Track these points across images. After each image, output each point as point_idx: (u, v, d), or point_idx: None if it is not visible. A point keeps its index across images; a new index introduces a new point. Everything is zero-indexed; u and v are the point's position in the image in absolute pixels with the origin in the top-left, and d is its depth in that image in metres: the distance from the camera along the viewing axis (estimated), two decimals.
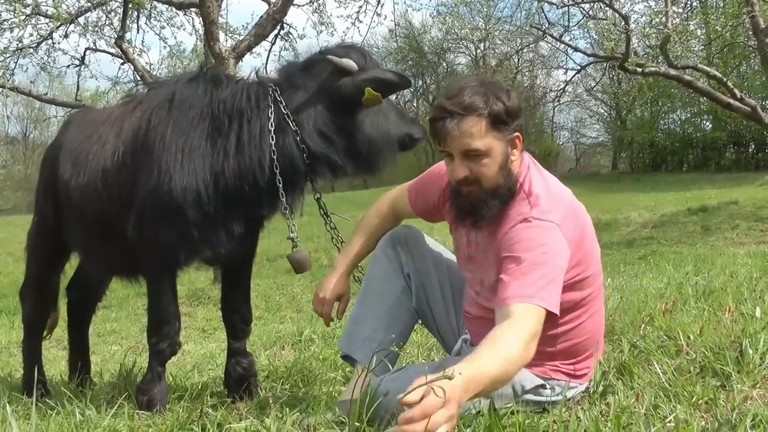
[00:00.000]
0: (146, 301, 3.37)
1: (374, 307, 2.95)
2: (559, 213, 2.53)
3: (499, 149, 2.54)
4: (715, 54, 22.13)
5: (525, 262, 2.41)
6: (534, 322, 2.31)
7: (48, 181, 3.76)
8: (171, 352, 3.27)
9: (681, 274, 6.50)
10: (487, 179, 2.55)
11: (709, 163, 33.99)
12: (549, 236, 2.46)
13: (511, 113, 2.54)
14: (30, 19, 13.08)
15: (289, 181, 3.08)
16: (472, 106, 2.49)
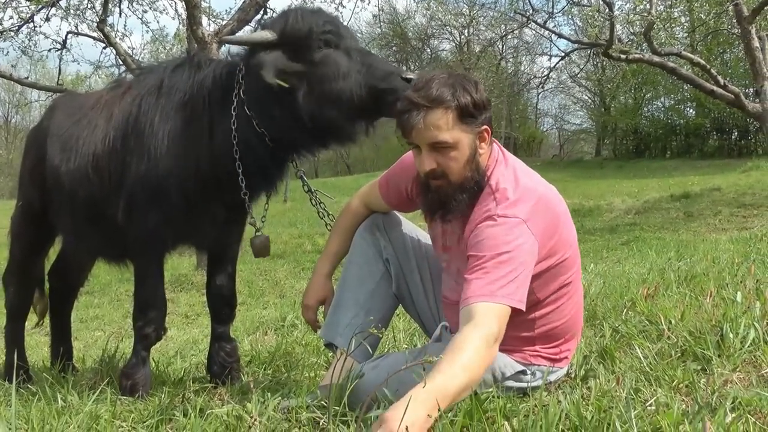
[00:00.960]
0: (129, 287, 3.38)
1: (354, 293, 2.94)
2: (526, 206, 2.50)
3: (467, 142, 2.53)
4: (699, 41, 22.23)
5: (487, 261, 2.39)
6: (495, 321, 2.30)
7: (34, 166, 3.75)
8: (156, 337, 3.26)
9: (663, 259, 6.55)
10: (454, 173, 2.54)
11: (692, 149, 34.14)
12: (514, 233, 2.43)
13: (479, 106, 2.52)
14: (10, 2, 12.98)
15: (251, 167, 3.03)
16: (439, 98, 2.47)
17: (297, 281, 10.41)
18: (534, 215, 2.49)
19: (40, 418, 2.60)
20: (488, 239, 2.43)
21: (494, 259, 2.38)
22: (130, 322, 3.65)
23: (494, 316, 2.31)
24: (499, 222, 2.45)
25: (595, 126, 41.18)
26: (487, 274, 2.37)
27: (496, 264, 2.37)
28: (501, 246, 2.40)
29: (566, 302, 2.67)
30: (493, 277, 2.36)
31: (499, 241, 2.41)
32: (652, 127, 36.99)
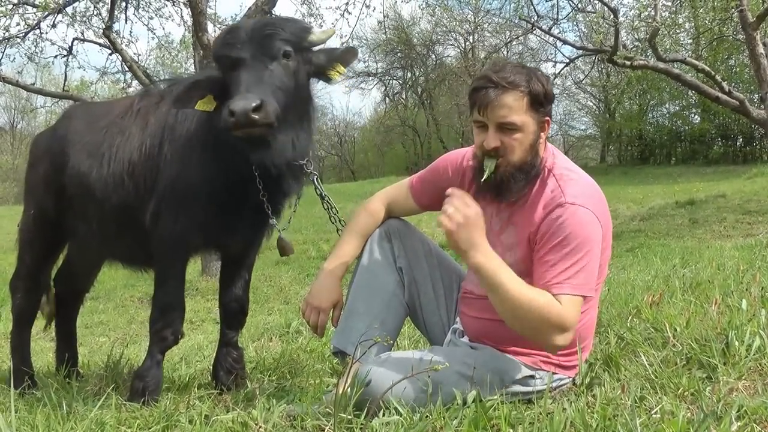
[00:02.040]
0: (134, 292, 3.42)
1: (368, 302, 2.95)
2: (592, 199, 2.62)
3: (532, 128, 2.65)
4: (704, 47, 22.18)
5: (564, 249, 2.52)
6: (573, 312, 2.48)
7: (49, 174, 3.78)
8: (174, 341, 3.28)
9: (668, 266, 6.53)
10: (516, 154, 2.64)
11: (697, 156, 34.03)
12: (585, 221, 2.55)
13: (548, 96, 2.67)
14: (17, 9, 13.00)
15: (266, 171, 3.06)
16: (516, 81, 2.61)
17: (302, 287, 10.40)
18: (598, 207, 2.62)
19: (46, 424, 2.61)
20: (562, 226, 2.54)
21: (569, 246, 2.52)
22: (135, 328, 3.65)
23: (572, 306, 2.49)
24: (571, 209, 2.56)
25: (600, 132, 41.12)
26: (564, 265, 2.51)
27: (572, 252, 2.51)
28: (575, 234, 2.52)
29: (587, 311, 2.70)
30: (572, 270, 2.50)
31: (571, 230, 2.53)
32: (657, 133, 36.91)
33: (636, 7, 17.28)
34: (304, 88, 3.01)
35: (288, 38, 2.89)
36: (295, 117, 2.94)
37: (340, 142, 49.72)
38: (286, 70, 2.88)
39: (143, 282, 10.82)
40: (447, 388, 2.48)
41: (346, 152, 49.58)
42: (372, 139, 48.93)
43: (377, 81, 45.30)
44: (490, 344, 2.73)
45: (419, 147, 44.26)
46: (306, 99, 3.05)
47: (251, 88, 2.74)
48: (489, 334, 2.73)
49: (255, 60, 2.83)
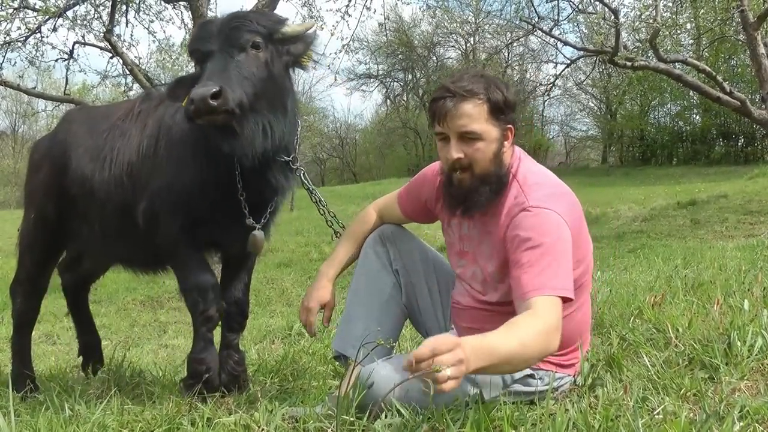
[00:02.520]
0: (136, 295, 3.45)
1: (366, 305, 2.95)
2: (558, 201, 2.57)
3: (494, 136, 2.60)
4: (705, 48, 22.19)
5: (532, 253, 2.44)
6: (554, 313, 2.36)
7: (49, 178, 3.80)
8: (219, 317, 3.29)
9: (670, 267, 6.52)
10: (479, 164, 2.60)
11: (698, 156, 34.04)
12: (551, 223, 2.49)
13: (508, 104, 2.61)
14: (18, 13, 12.97)
15: (248, 170, 3.07)
16: (474, 90, 2.57)
17: (303, 290, 10.33)
18: (565, 208, 2.56)
19: (48, 427, 2.61)
20: (527, 230, 2.49)
21: (538, 251, 2.43)
22: (137, 331, 3.64)
23: (552, 307, 2.36)
24: (533, 212, 2.51)
25: (601, 133, 41.13)
26: (533, 267, 2.42)
27: (541, 256, 2.43)
28: (542, 237, 2.46)
29: (577, 309, 2.68)
30: (540, 268, 2.41)
31: (538, 232, 2.47)
32: (659, 134, 36.92)
33: (637, 7, 17.32)
34: (279, 78, 2.96)
35: (257, 30, 2.89)
36: (268, 106, 2.91)
37: (342, 144, 49.76)
38: (255, 61, 2.87)
39: (145, 285, 10.85)
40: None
41: (347, 154, 49.61)
42: (373, 141, 48.99)
43: (378, 83, 45.46)
44: None
45: (420, 149, 44.29)
46: (281, 89, 2.98)
47: (212, 76, 2.74)
48: None
49: (222, 51, 2.84)
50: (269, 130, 2.92)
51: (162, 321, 8.53)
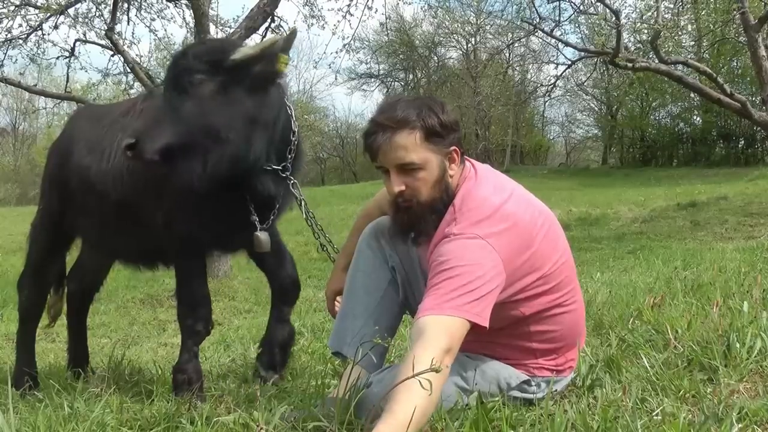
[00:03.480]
0: (135, 293, 3.47)
1: (362, 302, 2.91)
2: (487, 222, 2.45)
3: (435, 162, 2.52)
4: (706, 49, 22.20)
5: (439, 279, 2.37)
6: (443, 335, 2.24)
7: (53, 172, 3.90)
8: (206, 332, 3.37)
9: (670, 268, 6.53)
10: (423, 194, 2.54)
11: (698, 158, 34.00)
12: (469, 248, 2.40)
13: (445, 126, 2.52)
14: (19, 10, 12.98)
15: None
16: (404, 119, 2.48)
17: (304, 289, 10.32)
18: (496, 231, 2.43)
19: (47, 425, 2.61)
20: (442, 256, 2.41)
21: (445, 272, 2.36)
22: (137, 330, 3.64)
23: (443, 329, 2.25)
24: (453, 239, 2.43)
25: (602, 134, 41.13)
26: (438, 290, 2.34)
27: (448, 278, 2.34)
28: (454, 261, 2.37)
29: (562, 314, 2.64)
30: (444, 291, 2.32)
31: (452, 256, 2.38)
32: (659, 135, 36.93)
33: (638, 9, 17.33)
34: (239, 102, 2.96)
35: (197, 68, 2.92)
36: (226, 131, 2.93)
37: (342, 143, 49.72)
38: (198, 98, 2.90)
39: (145, 283, 10.84)
40: (446, 401, 2.45)
41: (347, 154, 49.55)
42: None
43: (379, 83, 45.44)
44: (481, 354, 2.70)
45: None
46: (245, 111, 2.97)
47: (135, 128, 3.02)
48: (475, 345, 2.65)
49: (165, 98, 2.98)
50: (222, 155, 2.93)
51: (161, 319, 8.52)
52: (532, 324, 2.60)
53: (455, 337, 2.26)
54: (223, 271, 10.44)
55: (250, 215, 3.26)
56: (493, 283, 2.36)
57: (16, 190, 43.75)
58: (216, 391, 3.33)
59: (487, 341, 2.58)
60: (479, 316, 2.31)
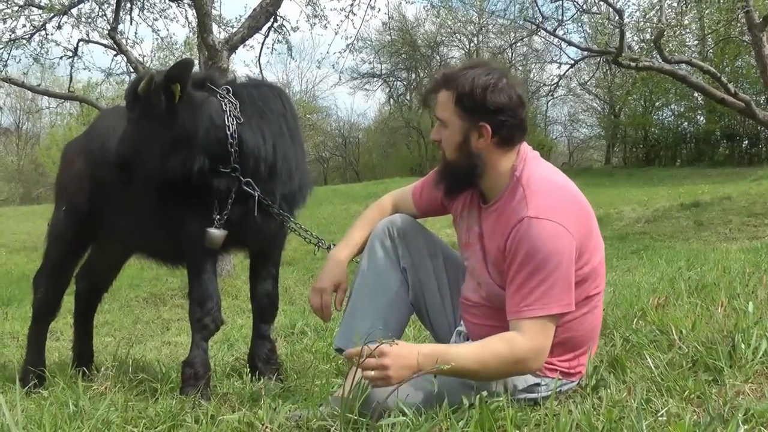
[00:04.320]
0: (139, 292, 3.53)
1: (372, 302, 2.92)
2: (561, 210, 2.51)
3: (458, 127, 2.62)
4: (710, 49, 22.17)
5: (525, 271, 2.45)
6: (531, 337, 2.42)
7: (83, 171, 3.94)
8: (215, 328, 3.49)
9: (674, 268, 6.53)
10: (446, 151, 2.68)
11: (702, 158, 33.95)
12: (549, 236, 2.45)
13: (476, 101, 2.57)
14: (23, 11, 13.01)
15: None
16: (449, 80, 2.63)
17: (306, 288, 10.39)
18: (566, 216, 2.50)
19: (52, 422, 2.61)
20: (523, 243, 2.47)
21: (529, 266, 2.44)
22: (140, 328, 3.66)
23: (531, 331, 2.42)
24: (532, 224, 2.47)
25: (605, 134, 41.07)
26: (521, 288, 2.45)
27: (530, 274, 2.44)
28: (537, 252, 2.44)
29: (589, 313, 2.66)
30: (528, 290, 2.44)
31: (534, 246, 2.45)
32: (662, 135, 36.88)
33: (641, 8, 17.30)
34: (160, 120, 3.23)
35: (126, 98, 3.35)
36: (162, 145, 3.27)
37: (345, 143, 49.76)
38: (129, 122, 3.35)
39: (148, 282, 10.86)
40: (452, 398, 2.46)
41: (350, 153, 49.60)
42: (376, 140, 48.98)
43: (381, 82, 45.46)
44: None
45: (423, 148, 44.25)
46: (168, 127, 3.24)
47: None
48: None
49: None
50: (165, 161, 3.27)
51: (165, 318, 8.54)
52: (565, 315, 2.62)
53: (549, 334, 2.47)
54: (227, 270, 10.45)
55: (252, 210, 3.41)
56: (572, 268, 2.48)
57: (19, 190, 43.82)
58: (220, 390, 3.33)
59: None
60: (568, 305, 2.47)
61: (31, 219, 23.24)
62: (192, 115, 3.25)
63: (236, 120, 3.31)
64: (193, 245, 3.46)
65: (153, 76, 3.16)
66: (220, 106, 3.31)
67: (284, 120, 3.49)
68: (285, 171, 3.45)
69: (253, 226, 3.44)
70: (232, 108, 3.33)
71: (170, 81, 3.15)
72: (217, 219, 3.38)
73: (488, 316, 2.69)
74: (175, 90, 3.15)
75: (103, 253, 4.30)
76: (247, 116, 3.36)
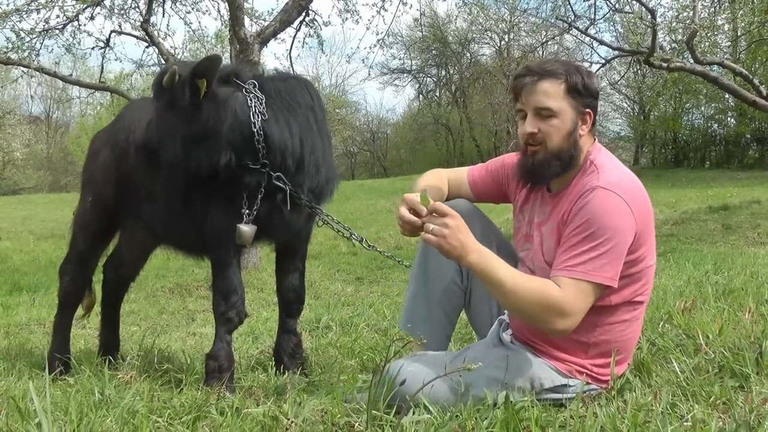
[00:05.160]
0: (165, 282, 3.58)
1: (429, 287, 3.06)
2: (628, 190, 2.57)
3: (569, 115, 2.68)
4: (743, 50, 21.91)
5: (581, 233, 2.50)
6: (571, 295, 2.45)
7: (109, 162, 3.98)
8: (239, 321, 3.51)
9: (701, 272, 6.46)
10: (552, 140, 2.68)
11: (731, 160, 33.65)
12: (612, 207, 2.51)
13: (587, 88, 2.70)
14: (57, 1, 13.14)
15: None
16: (554, 70, 2.68)
17: (332, 283, 10.42)
18: (633, 197, 2.56)
19: (78, 410, 2.64)
20: (587, 210, 2.53)
21: (587, 231, 2.49)
22: (166, 318, 3.66)
23: (572, 289, 2.46)
24: (600, 193, 2.54)
25: (634, 134, 40.78)
26: (574, 247, 2.50)
27: (586, 238, 2.49)
28: (597, 219, 2.50)
29: (631, 321, 2.69)
30: (580, 250, 2.48)
31: (596, 213, 2.51)
32: (692, 136, 36.56)
33: (674, 7, 17.14)
34: (180, 112, 3.28)
35: (153, 89, 3.42)
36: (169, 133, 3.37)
37: (373, 138, 49.83)
38: (155, 111, 3.44)
39: (174, 273, 10.92)
40: (477, 390, 2.49)
41: (378, 148, 49.65)
42: (405, 136, 48.97)
43: (411, 78, 45.42)
44: (530, 341, 2.75)
45: (452, 145, 44.22)
46: (184, 120, 3.29)
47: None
48: (527, 330, 2.76)
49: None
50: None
51: (190, 309, 8.57)
52: (606, 314, 2.65)
53: (586, 300, 2.49)
54: (253, 263, 10.49)
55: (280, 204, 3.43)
56: (625, 248, 2.51)
57: (48, 178, 44.26)
58: (245, 383, 3.35)
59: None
60: (611, 279, 2.50)
61: (60, 207, 23.49)
62: (216, 110, 3.28)
63: (261, 116, 3.33)
64: (218, 238, 3.48)
65: (175, 71, 3.18)
66: (246, 101, 3.33)
67: (312, 113, 3.50)
68: (312, 164, 3.46)
69: (280, 220, 3.46)
70: (258, 103, 3.34)
71: (196, 76, 3.18)
72: (246, 214, 3.39)
73: None
74: (200, 85, 3.18)
75: (130, 243, 4.36)
76: (274, 110, 3.37)
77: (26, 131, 43.17)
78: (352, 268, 11.46)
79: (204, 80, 3.17)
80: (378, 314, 5.85)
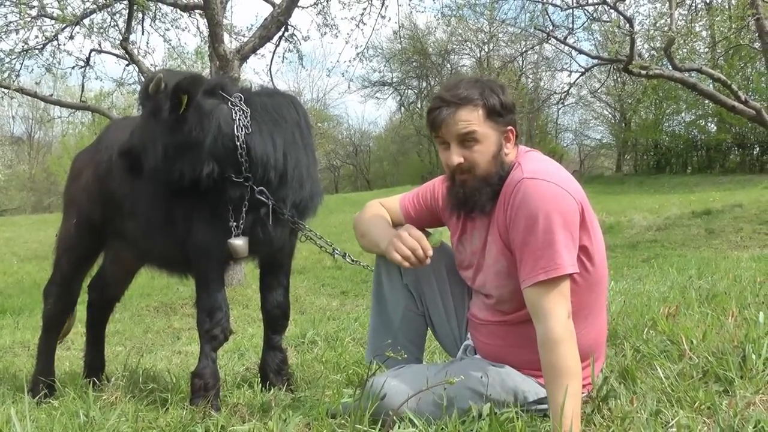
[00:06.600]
0: (150, 301, 3.52)
1: (386, 319, 3.04)
2: (556, 175, 2.55)
3: (492, 138, 2.63)
4: (720, 56, 22.10)
5: (530, 231, 2.45)
6: (557, 300, 2.40)
7: (92, 183, 3.94)
8: (224, 338, 3.48)
9: (684, 277, 6.49)
10: (480, 166, 2.63)
11: (713, 165, 33.88)
12: (547, 192, 2.47)
13: (505, 107, 2.64)
14: (36, 21, 13.08)
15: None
16: (468, 97, 2.61)
17: (317, 297, 10.42)
18: (564, 182, 2.53)
19: None
20: (521, 205, 2.49)
21: (535, 226, 2.44)
22: (151, 337, 3.64)
23: (553, 296, 2.40)
24: (528, 184, 2.50)
25: (616, 141, 41.00)
26: (532, 251, 2.44)
27: (535, 230, 2.43)
28: (538, 207, 2.45)
29: (592, 325, 2.67)
30: (534, 248, 2.43)
31: (534, 204, 2.46)
32: (673, 142, 36.78)
33: (652, 16, 17.27)
34: (164, 122, 3.26)
35: (139, 95, 3.49)
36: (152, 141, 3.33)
37: (356, 151, 49.89)
38: (143, 118, 3.41)
39: (159, 291, 10.88)
40: (461, 404, 2.47)
41: (361, 161, 49.71)
42: (387, 148, 49.11)
43: (392, 90, 45.56)
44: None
45: (434, 156, 44.21)
46: (166, 129, 3.28)
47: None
48: (500, 359, 2.71)
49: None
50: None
51: (176, 327, 8.54)
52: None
53: (566, 292, 2.43)
54: (237, 279, 10.47)
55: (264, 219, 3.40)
56: (576, 229, 2.48)
57: (31, 198, 44.03)
58: (230, 400, 3.34)
59: (526, 336, 2.54)
60: (573, 266, 2.45)
61: (43, 228, 23.35)
62: (200, 121, 3.27)
63: (245, 129, 3.32)
64: (201, 255, 3.46)
65: (161, 79, 3.19)
66: (231, 114, 3.33)
67: (298, 129, 3.48)
68: (296, 179, 3.45)
69: (263, 235, 3.44)
70: (243, 116, 3.33)
71: (179, 91, 3.17)
72: (234, 227, 3.37)
73: (496, 334, 2.70)
74: (182, 100, 3.18)
75: (114, 263, 4.32)
76: (258, 124, 3.36)
77: (8, 152, 42.94)
78: (337, 282, 11.45)
79: (186, 95, 3.17)
80: (363, 328, 5.83)
